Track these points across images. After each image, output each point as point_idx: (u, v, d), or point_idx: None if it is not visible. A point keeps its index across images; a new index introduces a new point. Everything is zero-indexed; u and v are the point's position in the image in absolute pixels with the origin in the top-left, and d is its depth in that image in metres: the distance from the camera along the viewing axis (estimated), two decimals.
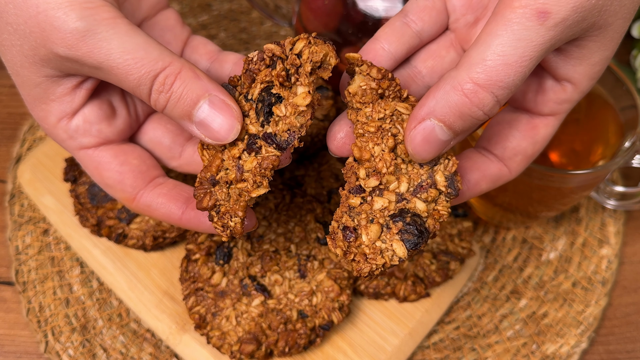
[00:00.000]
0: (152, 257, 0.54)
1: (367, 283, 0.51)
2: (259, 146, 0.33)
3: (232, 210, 0.33)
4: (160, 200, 0.37)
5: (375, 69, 0.33)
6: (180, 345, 0.50)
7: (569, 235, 0.60)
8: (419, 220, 0.32)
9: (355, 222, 0.33)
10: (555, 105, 0.34)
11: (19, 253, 0.56)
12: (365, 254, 0.32)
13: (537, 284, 0.57)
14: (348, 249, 0.32)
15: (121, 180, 0.37)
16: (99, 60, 0.31)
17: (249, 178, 0.33)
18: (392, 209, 0.33)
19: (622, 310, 0.56)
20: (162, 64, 0.31)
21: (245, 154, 0.33)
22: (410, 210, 0.33)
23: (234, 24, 0.76)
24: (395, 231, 0.32)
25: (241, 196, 0.33)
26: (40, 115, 0.35)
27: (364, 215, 0.33)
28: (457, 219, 0.55)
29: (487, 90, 0.29)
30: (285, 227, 0.51)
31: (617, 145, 0.50)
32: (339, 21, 0.55)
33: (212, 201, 0.34)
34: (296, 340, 0.47)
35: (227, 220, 0.33)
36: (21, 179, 0.58)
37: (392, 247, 0.32)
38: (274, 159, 0.33)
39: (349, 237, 0.32)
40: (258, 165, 0.33)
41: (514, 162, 0.37)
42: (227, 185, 0.34)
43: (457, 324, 0.55)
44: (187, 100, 0.32)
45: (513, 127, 0.36)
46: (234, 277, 0.49)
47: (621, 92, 0.51)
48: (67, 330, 0.52)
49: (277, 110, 0.33)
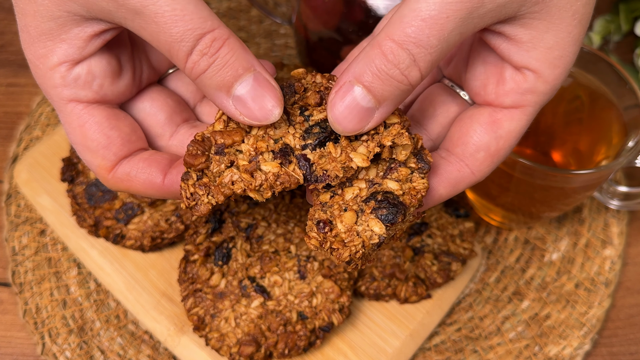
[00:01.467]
0: (150, 258, 0.54)
1: (368, 284, 0.51)
2: (290, 160, 0.31)
3: (215, 190, 0.30)
4: (141, 164, 0.34)
5: (319, 75, 0.33)
6: (178, 347, 0.50)
7: (571, 236, 0.60)
8: (391, 195, 0.31)
9: (328, 214, 0.32)
10: (517, 96, 0.32)
11: (16, 254, 0.56)
12: (343, 239, 0.31)
13: (539, 285, 0.56)
14: (324, 240, 0.31)
15: (107, 145, 0.33)
16: (144, 3, 0.28)
17: (258, 177, 0.31)
18: (364, 195, 0.32)
19: (625, 311, 0.56)
20: (212, 24, 0.29)
21: (269, 154, 0.31)
22: (382, 190, 0.32)
23: (233, 22, 0.75)
24: (369, 211, 0.31)
25: (234, 185, 0.31)
26: (39, 53, 0.32)
27: (337, 206, 0.32)
28: (459, 220, 0.54)
29: (402, 47, 0.28)
30: (285, 227, 0.50)
31: (621, 144, 0.50)
32: (339, 19, 0.55)
33: (204, 165, 0.31)
34: (296, 342, 0.46)
35: (202, 194, 0.31)
36: (18, 179, 0.58)
37: (368, 226, 0.31)
38: (294, 181, 0.31)
39: (323, 228, 0.31)
40: (274, 175, 0.31)
41: (476, 160, 0.34)
42: (230, 164, 0.31)
43: (459, 325, 0.54)
44: (231, 70, 0.29)
45: (474, 120, 0.34)
46: (233, 278, 0.48)
47: (624, 91, 0.50)
48: (64, 332, 0.52)
49: (332, 148, 0.31)
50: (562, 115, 0.54)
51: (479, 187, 0.55)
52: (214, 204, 0.30)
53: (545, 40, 0.30)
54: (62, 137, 0.60)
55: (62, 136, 0.60)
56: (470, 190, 0.57)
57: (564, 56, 0.31)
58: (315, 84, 0.33)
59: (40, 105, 0.66)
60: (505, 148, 0.34)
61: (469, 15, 0.28)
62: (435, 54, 0.28)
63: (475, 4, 0.28)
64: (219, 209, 0.51)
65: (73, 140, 0.34)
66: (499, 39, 0.31)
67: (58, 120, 0.65)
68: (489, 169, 0.34)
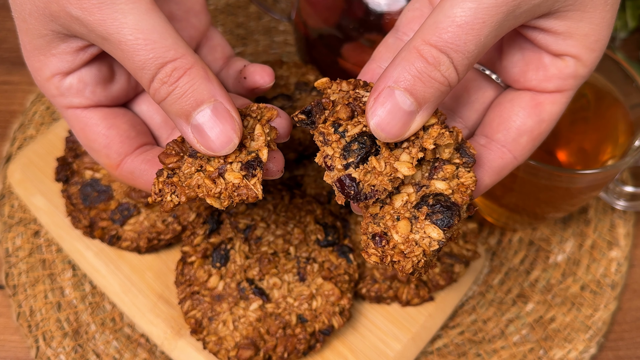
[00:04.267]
0: (147, 260, 0.53)
1: (369, 287, 0.50)
2: (254, 174, 0.32)
3: (180, 190, 0.32)
4: (144, 167, 0.35)
5: (344, 82, 0.33)
6: (175, 351, 0.49)
7: (577, 237, 0.59)
8: (442, 197, 0.31)
9: (382, 226, 0.32)
10: (560, 81, 0.33)
11: (9, 255, 0.55)
12: (402, 251, 0.31)
13: (544, 288, 0.56)
14: (383, 254, 0.31)
15: (107, 144, 0.35)
16: (108, 32, 0.30)
17: (219, 185, 0.32)
18: (413, 200, 0.31)
19: (632, 314, 0.55)
20: (174, 54, 0.30)
21: (238, 164, 0.32)
22: (431, 193, 0.31)
23: (231, 19, 0.75)
24: (423, 217, 0.31)
25: (199, 188, 0.32)
26: (35, 66, 0.34)
27: (388, 216, 0.31)
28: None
29: (441, 51, 0.28)
30: (284, 228, 0.50)
31: (627, 144, 0.49)
32: (340, 16, 0.54)
33: (175, 165, 0.32)
34: (295, 346, 0.46)
35: (168, 192, 0.32)
36: (11, 179, 0.57)
37: (425, 233, 0.30)
38: (253, 195, 0.31)
39: (380, 242, 0.31)
40: (234, 186, 0.31)
41: (519, 145, 0.34)
42: (199, 168, 0.32)
43: (462, 328, 0.53)
44: (189, 100, 0.30)
45: (516, 104, 0.34)
46: (231, 280, 0.48)
47: (631, 90, 0.50)
48: (59, 335, 0.51)
49: (375, 163, 0.31)
50: (568, 114, 0.54)
51: None
52: (176, 203, 0.32)
53: (580, 28, 0.31)
54: (56, 137, 0.59)
55: (57, 135, 0.59)
56: None
57: (599, 40, 0.31)
58: (342, 92, 0.33)
59: (34, 103, 0.65)
60: (547, 131, 0.34)
61: (505, 18, 0.28)
62: (473, 58, 0.29)
63: (510, 8, 0.28)
64: (217, 209, 0.50)
65: (81, 142, 0.37)
66: (535, 31, 0.32)
67: (52, 119, 0.64)
68: (530, 152, 0.35)
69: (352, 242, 0.51)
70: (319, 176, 0.54)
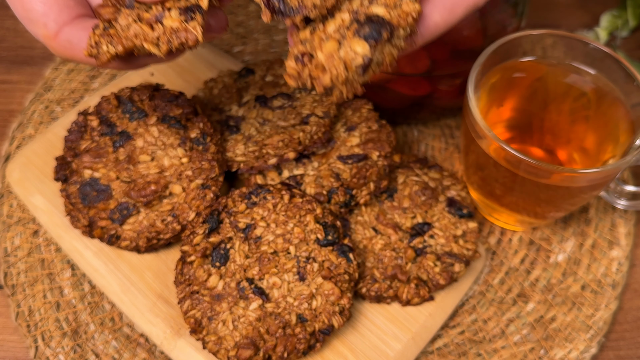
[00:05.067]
0: (146, 259, 0.53)
1: (369, 286, 0.50)
2: (193, 17, 0.31)
3: (117, 40, 0.31)
4: (82, 34, 0.34)
5: None
6: (175, 351, 0.49)
7: (577, 236, 0.59)
8: (375, 17, 0.29)
9: (308, 47, 0.29)
10: None
11: (8, 255, 0.55)
12: (323, 65, 0.28)
13: (544, 287, 0.56)
14: (302, 70, 0.29)
15: (45, 12, 0.34)
16: None
17: (157, 30, 0.30)
18: (347, 25, 0.29)
19: (633, 314, 0.55)
20: None
21: (176, 11, 0.31)
22: (367, 15, 0.29)
23: (231, 18, 0.75)
24: (352, 35, 0.29)
25: (136, 38, 0.31)
26: None
27: (317, 39, 0.29)
28: (462, 220, 0.53)
29: None
30: (284, 228, 0.49)
31: (628, 143, 0.49)
32: None
33: (111, 16, 0.31)
34: (295, 345, 0.45)
35: (104, 44, 0.31)
36: (10, 178, 0.57)
37: (350, 48, 0.28)
38: (192, 37, 0.30)
39: (301, 58, 0.29)
40: (172, 30, 0.30)
41: None
42: (137, 19, 0.31)
43: (462, 328, 0.53)
44: None
45: None
46: (230, 279, 0.48)
47: (632, 88, 0.50)
48: (58, 335, 0.51)
49: None
50: (568, 113, 0.54)
51: (483, 186, 0.54)
52: (113, 53, 0.31)
53: None
54: (55, 136, 0.59)
55: (56, 135, 0.59)
56: (473, 190, 0.56)
57: None
58: None
59: (33, 102, 0.65)
60: None
61: None
62: None
63: None
64: (217, 208, 0.50)
65: (18, 14, 0.36)
66: None
67: (51, 119, 0.64)
68: None
69: (352, 241, 0.51)
70: (319, 176, 0.53)
